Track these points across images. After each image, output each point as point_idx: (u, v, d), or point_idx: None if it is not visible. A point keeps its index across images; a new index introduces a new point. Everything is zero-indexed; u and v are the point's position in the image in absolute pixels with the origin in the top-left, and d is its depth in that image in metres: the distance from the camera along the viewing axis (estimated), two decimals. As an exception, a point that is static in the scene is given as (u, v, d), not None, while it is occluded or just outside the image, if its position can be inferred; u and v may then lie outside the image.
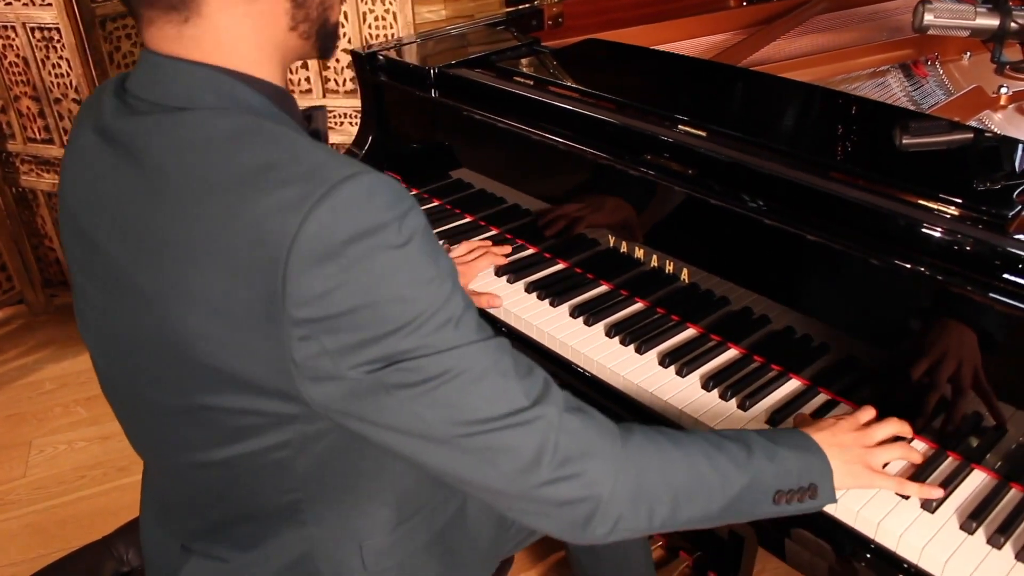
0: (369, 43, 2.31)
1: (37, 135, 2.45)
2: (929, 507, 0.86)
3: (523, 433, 0.68)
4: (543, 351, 1.19)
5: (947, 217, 0.91)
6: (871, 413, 0.94)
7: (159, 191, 0.66)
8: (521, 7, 1.74)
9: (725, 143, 1.10)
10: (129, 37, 2.37)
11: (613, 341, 1.14)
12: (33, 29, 2.25)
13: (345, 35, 2.32)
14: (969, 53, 1.53)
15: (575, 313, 1.20)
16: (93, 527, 1.87)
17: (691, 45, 1.67)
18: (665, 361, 1.09)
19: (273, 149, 0.65)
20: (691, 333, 1.15)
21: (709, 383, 1.05)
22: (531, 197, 1.36)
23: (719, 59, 1.47)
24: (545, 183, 1.34)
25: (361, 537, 0.84)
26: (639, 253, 1.20)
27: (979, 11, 1.28)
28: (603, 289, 1.26)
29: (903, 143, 1.08)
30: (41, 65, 2.31)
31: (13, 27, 2.26)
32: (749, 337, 1.10)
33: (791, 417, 0.99)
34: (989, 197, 0.92)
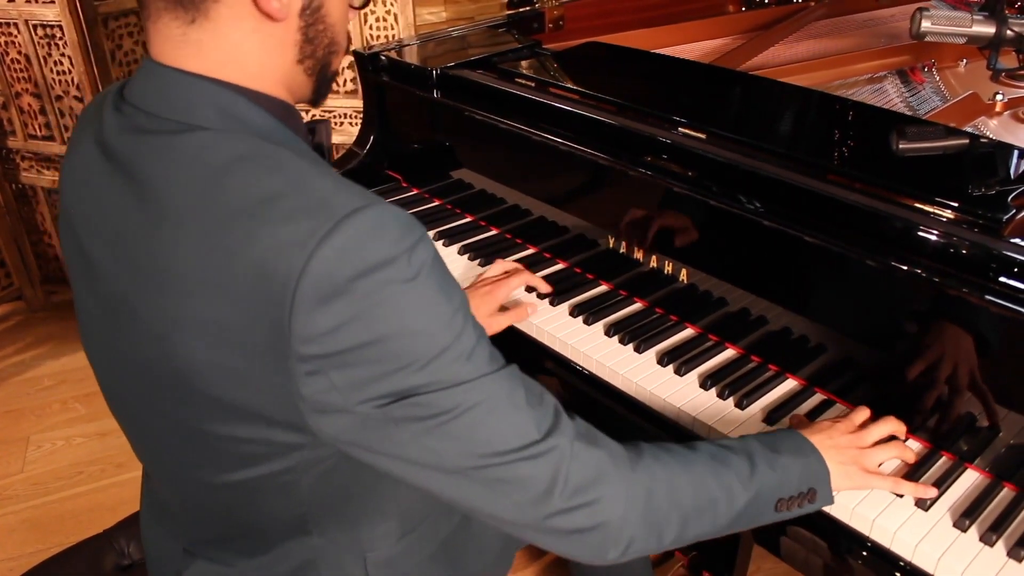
0: (370, 44, 2.33)
1: (38, 132, 2.46)
2: (923, 505, 0.87)
3: (535, 465, 0.67)
4: (543, 349, 1.20)
5: (944, 220, 0.92)
6: (866, 414, 0.95)
7: (158, 218, 0.65)
8: (522, 9, 1.76)
9: (725, 145, 1.12)
10: (131, 35, 2.38)
11: (612, 340, 1.16)
12: (35, 26, 2.26)
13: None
14: (965, 60, 1.54)
15: (575, 312, 1.21)
16: (91, 523, 1.87)
17: (691, 49, 1.68)
18: (664, 360, 1.10)
19: (277, 178, 0.63)
20: (689, 333, 1.17)
21: (707, 382, 1.06)
22: (531, 198, 1.37)
23: (718, 63, 1.49)
24: (545, 184, 1.35)
25: (365, 548, 0.84)
26: (638, 254, 1.21)
27: (976, 19, 1.30)
28: (602, 289, 1.28)
29: (900, 147, 1.09)
30: (43, 62, 2.31)
31: (15, 24, 2.27)
32: (747, 337, 1.11)
33: (787, 417, 1.00)
34: (985, 201, 0.94)
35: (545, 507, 0.68)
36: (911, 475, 0.91)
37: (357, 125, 2.31)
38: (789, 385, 1.06)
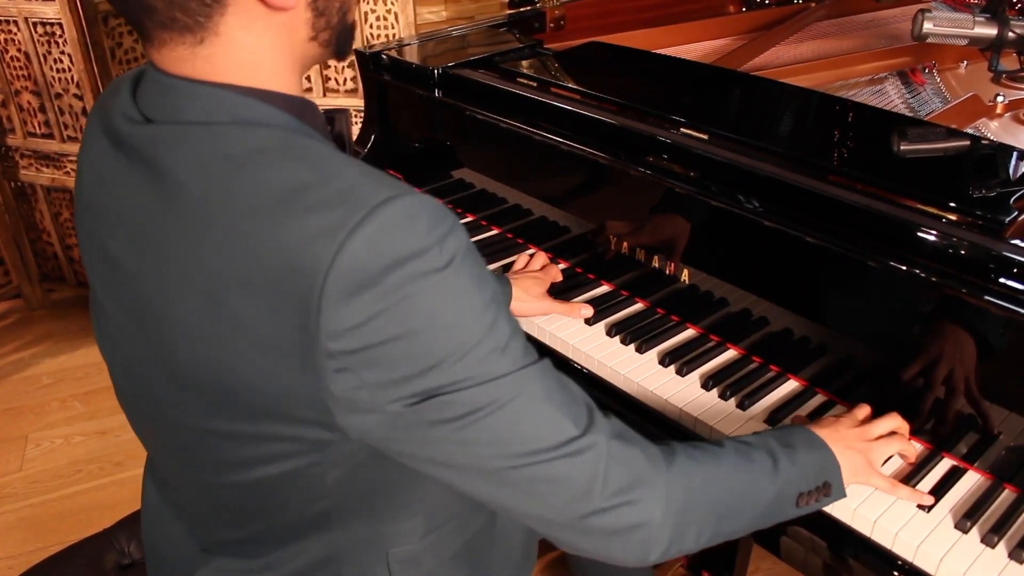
0: (371, 43, 2.32)
1: (37, 130, 2.46)
2: (924, 506, 0.88)
3: (574, 463, 0.65)
4: (545, 349, 1.20)
5: (945, 221, 0.92)
6: (867, 410, 0.95)
7: (180, 211, 0.63)
8: (523, 9, 1.76)
9: (726, 146, 1.12)
10: (131, 33, 2.38)
11: (614, 340, 1.16)
12: (35, 24, 2.26)
13: (347, 34, 2.32)
14: (966, 62, 1.54)
15: (576, 312, 1.21)
16: (90, 521, 1.88)
17: (692, 49, 1.68)
18: (665, 360, 1.10)
19: (302, 168, 0.61)
20: (691, 333, 1.17)
21: (708, 383, 1.06)
22: (532, 197, 1.37)
23: (720, 63, 1.49)
24: (547, 184, 1.35)
25: (388, 545, 0.81)
26: (640, 254, 1.21)
27: (977, 20, 1.30)
28: (604, 289, 1.28)
29: (901, 149, 1.09)
30: (42, 60, 2.31)
31: (15, 21, 2.26)
32: (748, 338, 1.12)
33: (789, 417, 1.01)
34: (986, 202, 0.94)
35: (584, 506, 0.66)
36: (912, 476, 0.91)
37: (358, 124, 2.30)
38: (791, 386, 1.07)
